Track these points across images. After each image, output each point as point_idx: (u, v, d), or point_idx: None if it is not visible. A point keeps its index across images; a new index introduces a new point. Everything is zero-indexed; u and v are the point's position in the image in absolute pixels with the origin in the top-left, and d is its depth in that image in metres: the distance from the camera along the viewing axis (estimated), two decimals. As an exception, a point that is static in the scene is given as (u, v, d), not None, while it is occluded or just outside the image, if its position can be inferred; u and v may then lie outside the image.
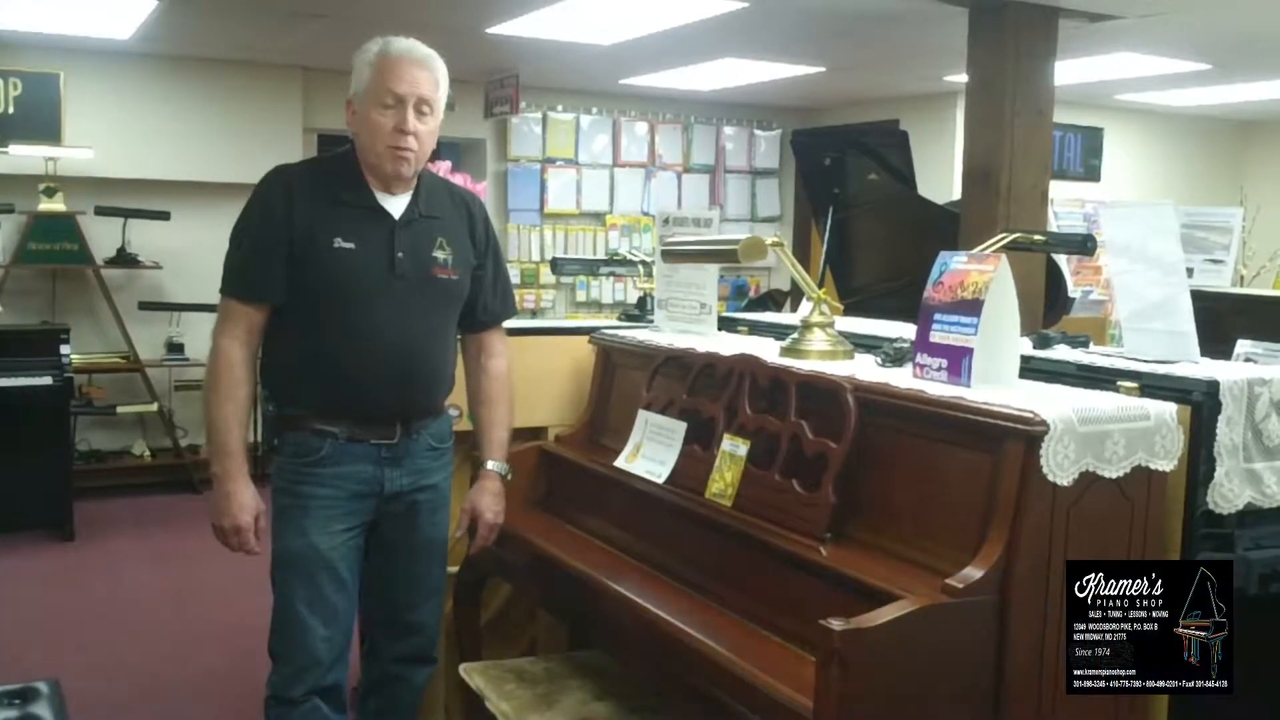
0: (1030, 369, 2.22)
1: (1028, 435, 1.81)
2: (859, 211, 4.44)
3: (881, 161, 4.37)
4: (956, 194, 4.84)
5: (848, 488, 2.10)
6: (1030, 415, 1.82)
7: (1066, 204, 7.62)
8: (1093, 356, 2.32)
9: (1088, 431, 1.85)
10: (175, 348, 6.58)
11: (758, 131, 8.42)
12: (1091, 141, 8.11)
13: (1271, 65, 6.16)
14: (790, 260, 2.59)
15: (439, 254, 2.47)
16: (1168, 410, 1.95)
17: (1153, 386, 2.04)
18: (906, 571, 1.92)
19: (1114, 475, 1.88)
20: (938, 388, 2.05)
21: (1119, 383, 2.08)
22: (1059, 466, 1.82)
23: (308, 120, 6.87)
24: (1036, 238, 2.76)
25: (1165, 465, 1.94)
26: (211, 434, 2.40)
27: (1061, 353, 2.38)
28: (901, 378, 2.18)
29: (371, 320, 2.38)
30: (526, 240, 7.76)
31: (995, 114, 4.33)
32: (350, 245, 2.36)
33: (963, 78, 4.60)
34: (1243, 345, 3.02)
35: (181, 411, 6.71)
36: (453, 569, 2.95)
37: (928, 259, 2.20)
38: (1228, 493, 2.01)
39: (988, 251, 2.21)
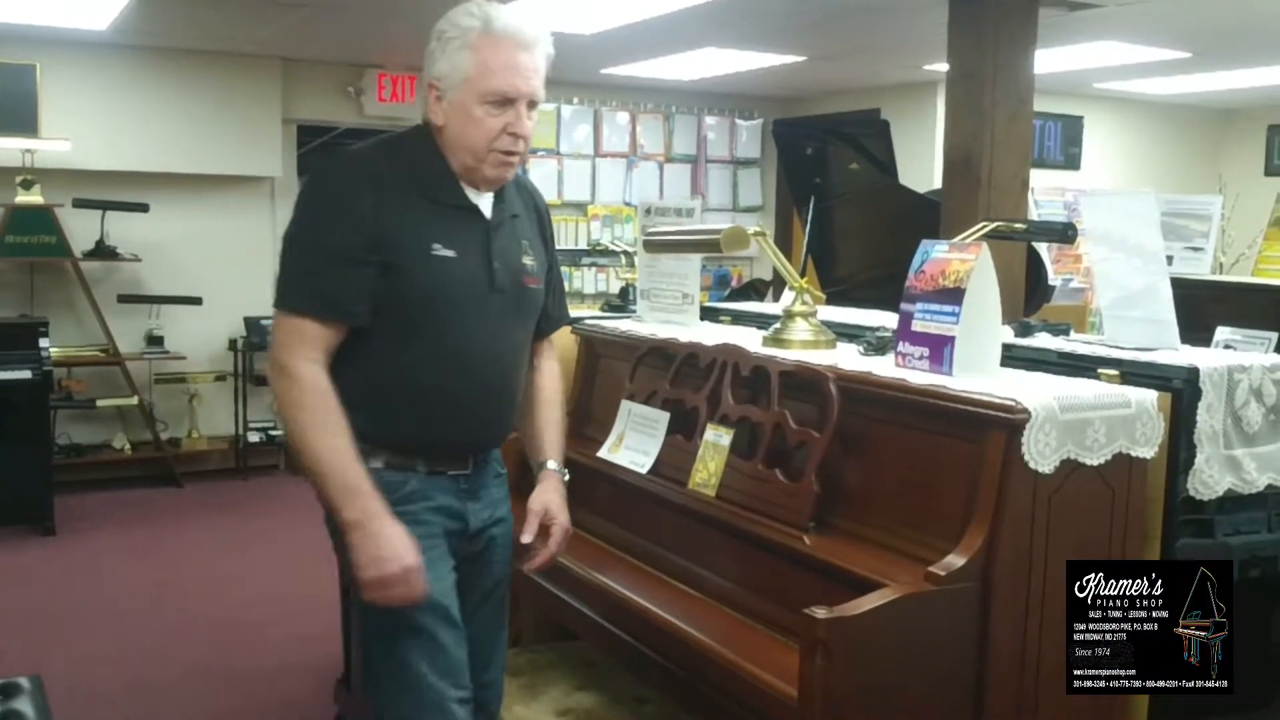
0: (1011, 357, 2.23)
1: (1010, 423, 1.82)
2: (840, 201, 4.44)
3: (863, 151, 4.37)
4: (937, 183, 4.84)
5: (831, 477, 2.11)
6: (1012, 403, 1.83)
7: (1047, 193, 7.63)
8: (1074, 344, 2.33)
9: (1069, 419, 1.86)
10: (155, 340, 6.53)
11: (739, 121, 8.41)
12: (1071, 130, 8.14)
13: (1250, 54, 6.19)
14: (772, 250, 2.59)
15: (527, 260, 2.13)
16: (1148, 397, 1.96)
17: (1133, 374, 2.06)
18: (889, 560, 1.93)
19: (1095, 462, 1.89)
20: (920, 376, 2.06)
21: (1100, 370, 2.09)
22: (1040, 454, 1.83)
23: (287, 111, 6.82)
24: (1017, 226, 2.78)
25: (1146, 452, 1.95)
26: (329, 477, 1.94)
27: (1042, 341, 2.38)
28: (884, 367, 2.19)
29: (465, 340, 2.02)
30: (508, 231, 7.73)
31: (976, 103, 4.33)
32: (450, 253, 1.99)
33: (943, 67, 4.60)
34: (1222, 332, 3.05)
35: (162, 405, 6.67)
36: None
37: (909, 248, 2.21)
38: (1208, 479, 2.02)
39: (969, 240, 2.21)
